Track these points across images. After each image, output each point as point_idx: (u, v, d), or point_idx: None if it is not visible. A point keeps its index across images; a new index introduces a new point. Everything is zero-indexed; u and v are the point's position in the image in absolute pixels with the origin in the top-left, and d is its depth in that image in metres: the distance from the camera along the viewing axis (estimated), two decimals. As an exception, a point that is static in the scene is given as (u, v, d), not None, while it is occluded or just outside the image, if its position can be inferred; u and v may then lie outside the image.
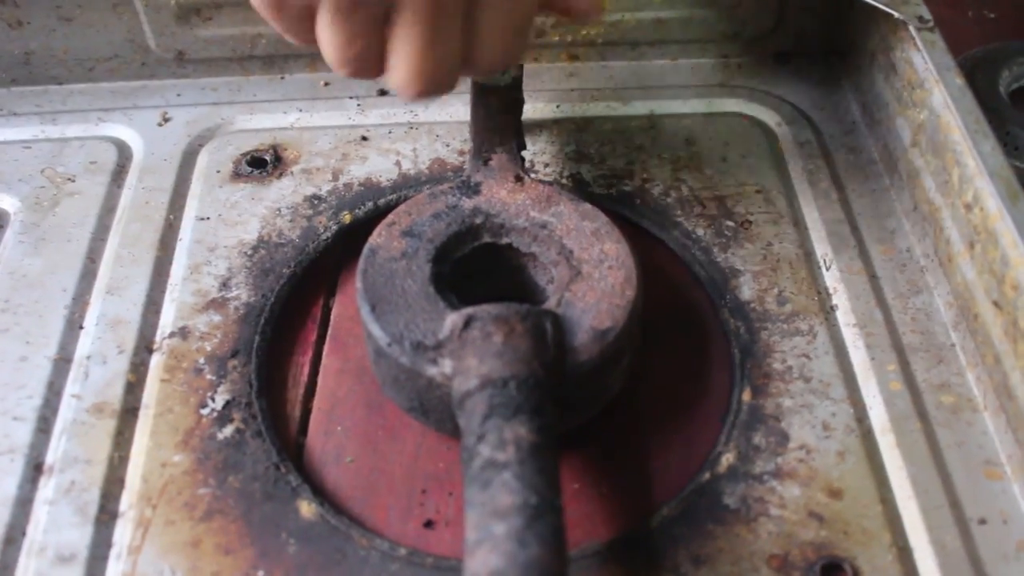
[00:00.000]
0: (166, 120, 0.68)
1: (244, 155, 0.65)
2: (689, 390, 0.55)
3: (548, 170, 0.64)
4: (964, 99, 0.55)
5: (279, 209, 0.61)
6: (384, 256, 0.51)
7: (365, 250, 0.51)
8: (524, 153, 0.58)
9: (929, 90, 0.57)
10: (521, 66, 0.59)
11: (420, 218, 0.52)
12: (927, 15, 0.59)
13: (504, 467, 0.41)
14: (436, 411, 0.48)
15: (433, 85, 0.46)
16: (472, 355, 0.45)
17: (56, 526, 0.48)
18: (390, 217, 0.53)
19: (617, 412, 0.53)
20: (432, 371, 0.46)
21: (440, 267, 0.51)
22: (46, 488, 0.49)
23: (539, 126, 0.67)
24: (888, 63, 0.63)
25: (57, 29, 0.68)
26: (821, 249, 0.60)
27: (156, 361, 0.54)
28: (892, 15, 0.60)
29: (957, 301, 0.55)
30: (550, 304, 0.49)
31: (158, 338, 0.55)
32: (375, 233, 0.52)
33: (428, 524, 0.49)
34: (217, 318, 0.56)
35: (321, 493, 0.50)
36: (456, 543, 0.48)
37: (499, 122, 0.57)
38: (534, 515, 0.39)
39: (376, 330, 0.48)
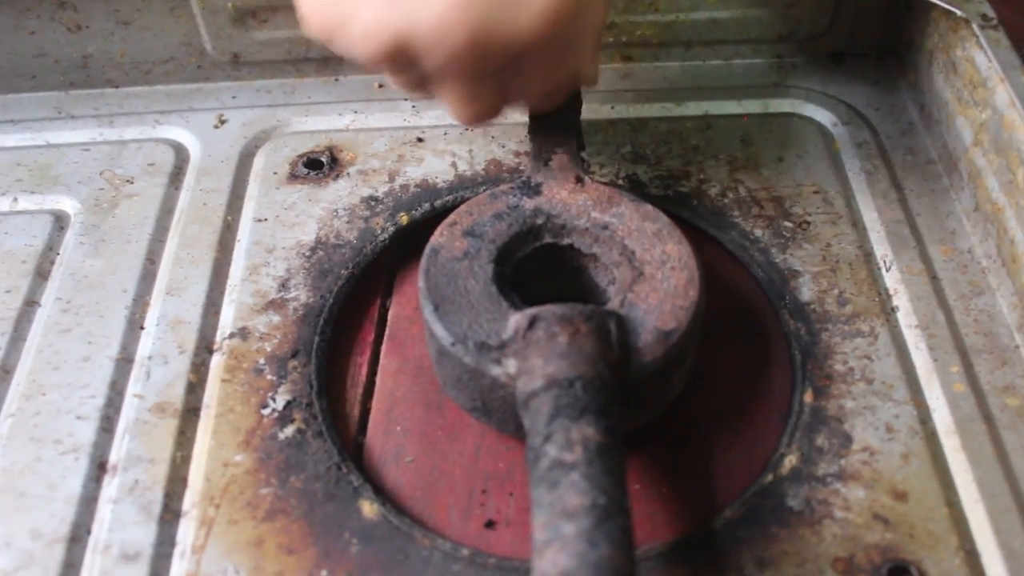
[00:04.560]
0: (222, 122, 0.68)
1: (300, 157, 0.65)
2: (750, 391, 0.54)
3: (604, 171, 0.64)
4: (1030, 98, 0.55)
5: (336, 210, 0.62)
6: (446, 256, 0.51)
7: (427, 250, 0.51)
8: (581, 154, 0.58)
9: (992, 89, 0.57)
10: None
11: (482, 218, 0.52)
12: (990, 13, 0.59)
13: (572, 468, 0.41)
14: (499, 411, 0.48)
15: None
16: (537, 355, 0.45)
17: (121, 524, 0.48)
18: (452, 217, 0.53)
19: (678, 413, 0.52)
20: (496, 371, 0.46)
21: (502, 267, 0.51)
22: (110, 487, 0.49)
23: (594, 127, 0.67)
24: (948, 62, 0.63)
25: (115, 33, 0.69)
26: (881, 250, 0.59)
27: (217, 361, 0.54)
28: (954, 13, 0.59)
29: (1022, 302, 0.54)
30: (613, 305, 0.49)
31: (218, 339, 0.56)
32: (437, 233, 0.52)
33: (489, 524, 0.49)
34: (276, 319, 0.56)
35: (382, 493, 0.50)
36: (518, 543, 0.48)
37: (559, 123, 0.57)
38: (603, 516, 0.39)
39: (440, 330, 0.48)
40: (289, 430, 0.51)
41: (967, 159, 0.60)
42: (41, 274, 0.59)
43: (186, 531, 0.48)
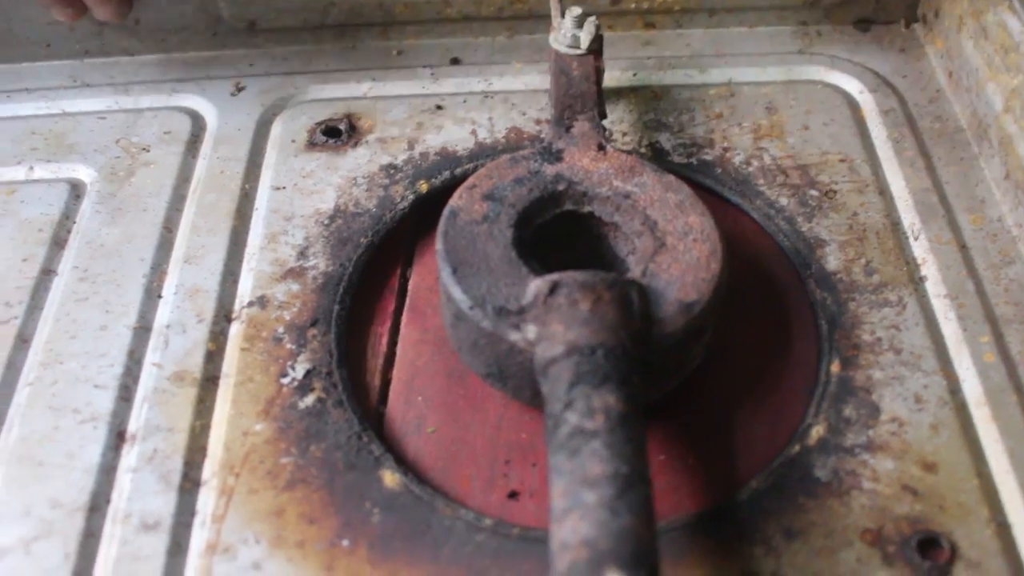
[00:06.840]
0: (239, 90, 0.68)
1: (318, 124, 0.65)
2: (775, 361, 0.53)
3: (627, 139, 0.63)
4: (1063, 61, 0.53)
5: (355, 178, 0.61)
6: (465, 219, 0.50)
7: (446, 212, 0.50)
8: (603, 122, 0.57)
9: (1025, 53, 0.55)
10: (601, 35, 0.59)
11: (502, 182, 0.51)
12: (1023, -25, 0.57)
13: (593, 435, 0.40)
14: (515, 377, 0.47)
15: None
16: (558, 321, 0.44)
17: (140, 494, 0.47)
18: (471, 180, 0.52)
19: (702, 384, 0.52)
20: (515, 336, 0.45)
21: (521, 232, 0.50)
22: (129, 456, 0.49)
23: (616, 94, 0.66)
24: (978, 27, 0.61)
25: (131, 0, 0.68)
26: (908, 219, 0.58)
27: (235, 330, 0.54)
28: (985, -24, 0.58)
29: (1054, 271, 0.53)
30: (634, 274, 0.48)
31: (237, 307, 0.55)
32: (456, 195, 0.51)
33: (512, 495, 0.48)
34: (295, 287, 0.55)
35: (403, 463, 0.49)
36: (541, 514, 0.47)
37: (581, 89, 0.56)
38: (625, 485, 0.38)
39: (458, 293, 0.47)
40: (309, 399, 0.51)
41: (997, 126, 0.59)
42: (58, 243, 0.58)
43: (206, 500, 0.47)
